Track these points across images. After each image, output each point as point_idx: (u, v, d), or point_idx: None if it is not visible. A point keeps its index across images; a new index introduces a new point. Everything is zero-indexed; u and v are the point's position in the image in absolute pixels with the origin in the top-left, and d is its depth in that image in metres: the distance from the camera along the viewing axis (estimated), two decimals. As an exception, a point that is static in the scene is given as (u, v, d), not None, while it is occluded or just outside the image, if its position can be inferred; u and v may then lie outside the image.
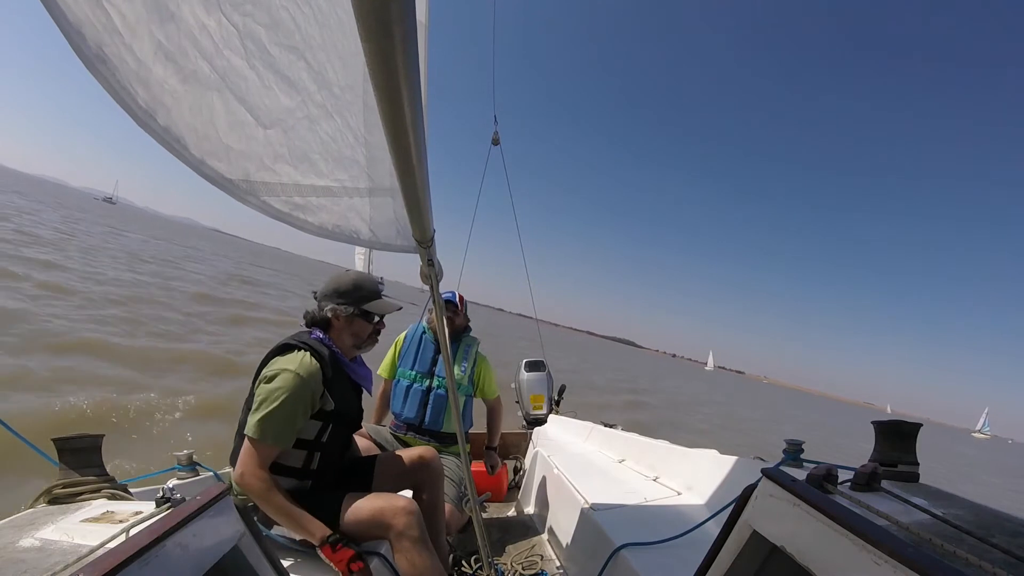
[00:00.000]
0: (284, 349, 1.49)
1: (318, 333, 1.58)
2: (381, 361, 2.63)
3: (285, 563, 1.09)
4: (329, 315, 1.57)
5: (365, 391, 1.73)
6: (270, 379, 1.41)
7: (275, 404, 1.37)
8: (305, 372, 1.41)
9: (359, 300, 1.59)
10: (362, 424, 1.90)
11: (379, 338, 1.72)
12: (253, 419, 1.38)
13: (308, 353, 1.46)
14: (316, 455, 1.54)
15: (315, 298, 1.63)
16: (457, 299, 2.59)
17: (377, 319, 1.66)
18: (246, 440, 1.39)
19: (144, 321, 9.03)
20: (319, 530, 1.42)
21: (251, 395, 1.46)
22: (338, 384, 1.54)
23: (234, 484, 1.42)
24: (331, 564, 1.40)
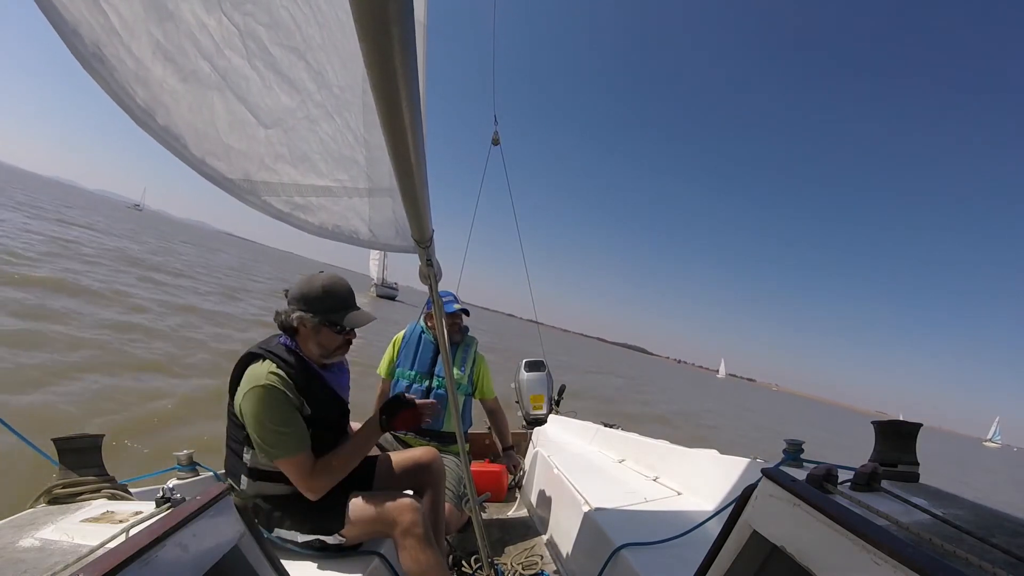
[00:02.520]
0: (250, 358, 1.44)
1: (286, 339, 1.50)
2: (379, 360, 2.63)
3: (285, 564, 1.09)
4: (295, 323, 1.46)
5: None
6: (246, 405, 1.37)
7: (269, 423, 1.35)
8: (270, 381, 1.37)
9: (326, 310, 1.46)
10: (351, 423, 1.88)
11: (351, 348, 1.58)
12: (266, 447, 1.37)
13: (272, 362, 1.41)
14: None
15: (285, 297, 1.51)
16: (460, 304, 2.59)
17: (348, 330, 1.52)
18: (282, 465, 1.40)
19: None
20: (374, 427, 1.57)
21: (231, 403, 1.44)
22: (312, 389, 1.48)
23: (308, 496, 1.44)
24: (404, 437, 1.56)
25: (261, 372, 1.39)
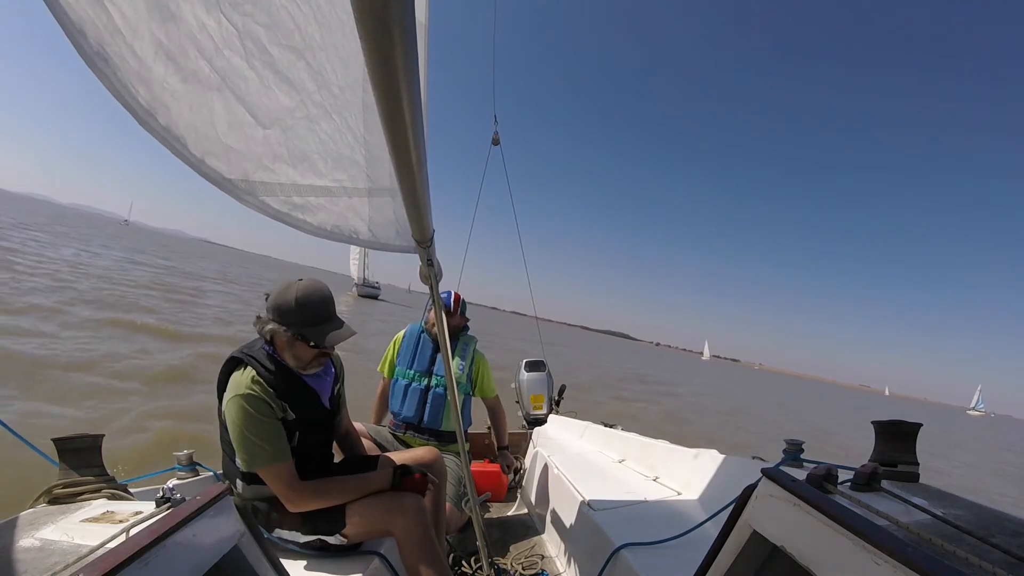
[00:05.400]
0: (234, 364, 1.44)
1: (267, 346, 1.48)
2: (380, 359, 2.63)
3: (285, 564, 1.09)
4: (269, 336, 1.44)
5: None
6: (228, 413, 1.37)
7: (247, 433, 1.35)
8: (250, 390, 1.36)
9: (300, 323, 1.41)
10: (345, 422, 1.85)
11: (328, 360, 1.56)
12: (243, 456, 1.37)
13: (252, 370, 1.40)
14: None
15: (266, 302, 1.47)
16: (453, 299, 2.59)
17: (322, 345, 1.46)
18: (260, 474, 1.40)
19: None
20: (383, 478, 1.56)
21: (220, 409, 1.43)
22: (295, 393, 1.47)
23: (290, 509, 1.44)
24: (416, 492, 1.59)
25: (243, 381, 1.38)
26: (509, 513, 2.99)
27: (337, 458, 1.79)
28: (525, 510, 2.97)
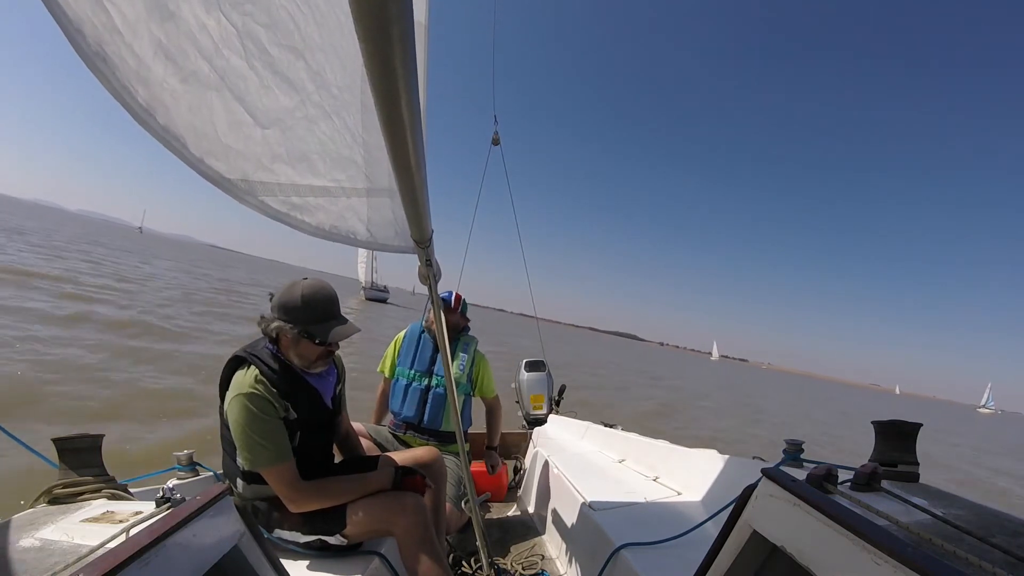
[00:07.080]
0: (237, 363, 1.44)
1: (270, 345, 1.49)
2: (380, 359, 2.63)
3: (285, 564, 1.09)
4: (274, 333, 1.45)
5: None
6: (231, 412, 1.37)
7: (250, 432, 1.35)
8: (253, 389, 1.36)
9: (306, 320, 1.42)
10: (345, 423, 1.85)
11: (332, 359, 1.58)
12: (246, 455, 1.38)
13: (256, 369, 1.40)
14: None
15: (270, 302, 1.48)
16: (453, 298, 2.58)
17: (327, 342, 1.46)
18: (262, 474, 1.40)
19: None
20: (384, 478, 1.58)
21: (222, 408, 1.43)
22: (298, 393, 1.47)
23: (292, 511, 1.45)
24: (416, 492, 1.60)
25: (246, 380, 1.38)
26: (509, 513, 2.99)
27: (336, 460, 1.79)
28: (525, 510, 2.97)
